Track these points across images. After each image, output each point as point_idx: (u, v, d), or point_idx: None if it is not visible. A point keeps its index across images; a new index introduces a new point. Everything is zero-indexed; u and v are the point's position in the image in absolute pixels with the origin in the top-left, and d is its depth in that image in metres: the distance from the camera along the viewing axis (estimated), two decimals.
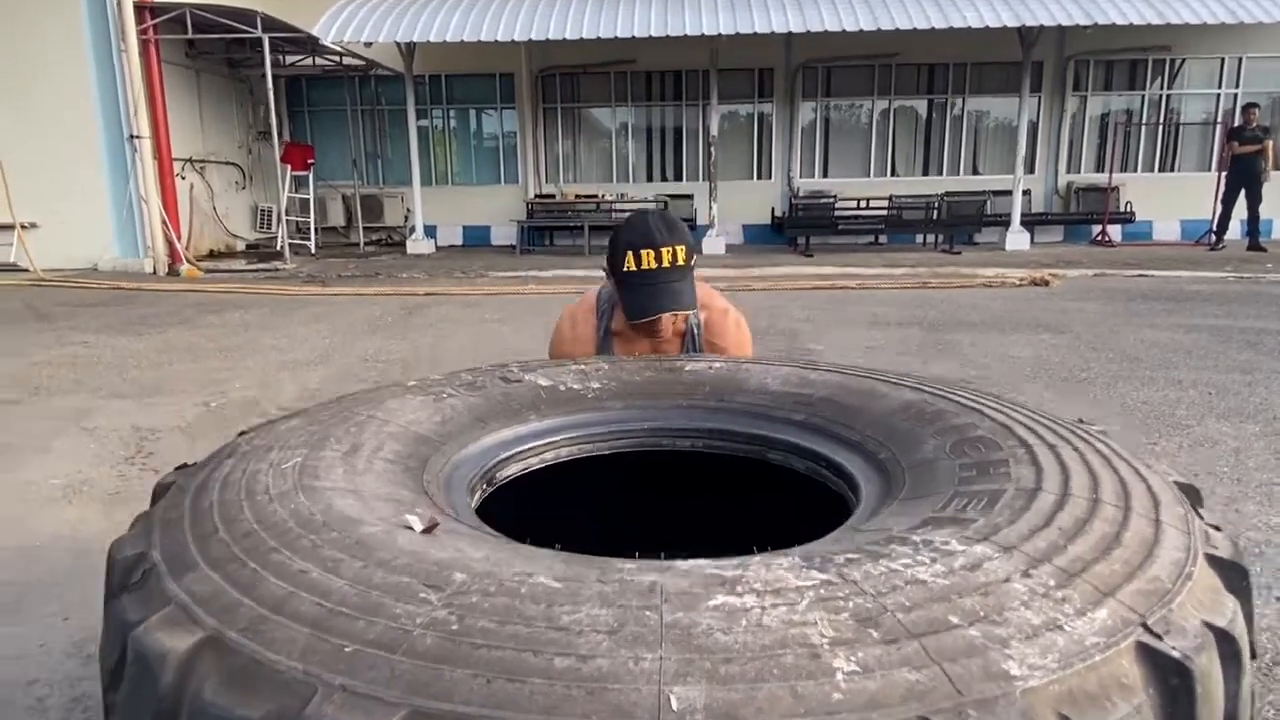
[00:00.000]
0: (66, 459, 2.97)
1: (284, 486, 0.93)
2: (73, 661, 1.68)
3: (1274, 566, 2.01)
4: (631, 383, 1.49)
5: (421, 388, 1.38)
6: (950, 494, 0.95)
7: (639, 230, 1.61)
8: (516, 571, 0.73)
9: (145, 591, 0.76)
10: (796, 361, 1.55)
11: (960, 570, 0.73)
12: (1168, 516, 0.86)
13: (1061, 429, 1.11)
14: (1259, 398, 3.51)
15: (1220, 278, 7.80)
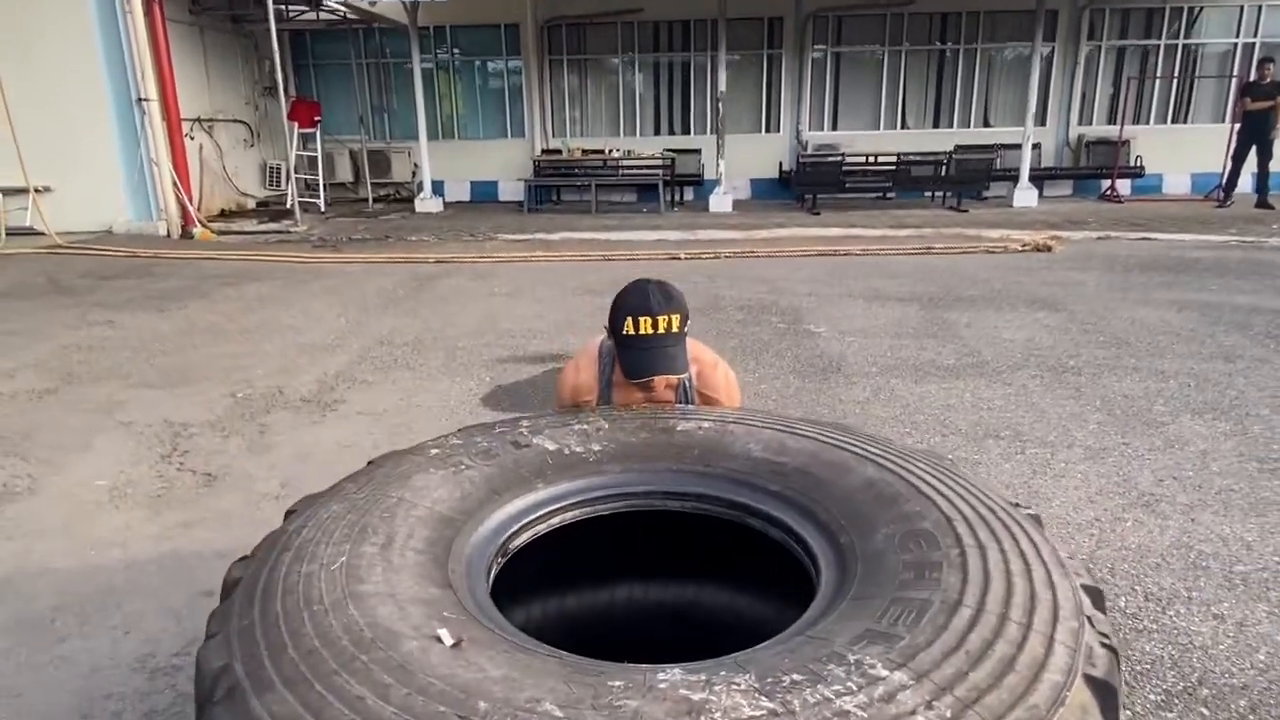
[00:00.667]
0: (107, 457, 3.19)
1: (335, 594, 1.11)
2: (139, 677, 1.90)
3: (1216, 582, 2.20)
4: (628, 444, 1.64)
5: (443, 458, 1.54)
6: (889, 600, 1.12)
7: (638, 299, 1.76)
8: (528, 698, 0.91)
9: (234, 707, 0.95)
10: (778, 423, 1.70)
11: (878, 701, 0.90)
12: (1062, 634, 1.02)
13: (996, 523, 1.27)
14: (1236, 390, 3.66)
15: (1223, 242, 7.84)
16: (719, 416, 1.74)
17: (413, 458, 1.56)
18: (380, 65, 12.71)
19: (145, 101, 9.07)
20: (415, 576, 1.20)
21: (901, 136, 12.21)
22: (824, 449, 1.57)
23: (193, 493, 2.88)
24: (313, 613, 1.07)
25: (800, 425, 1.69)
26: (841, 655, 1.00)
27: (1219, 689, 1.79)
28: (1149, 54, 12.27)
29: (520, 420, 1.73)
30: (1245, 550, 2.35)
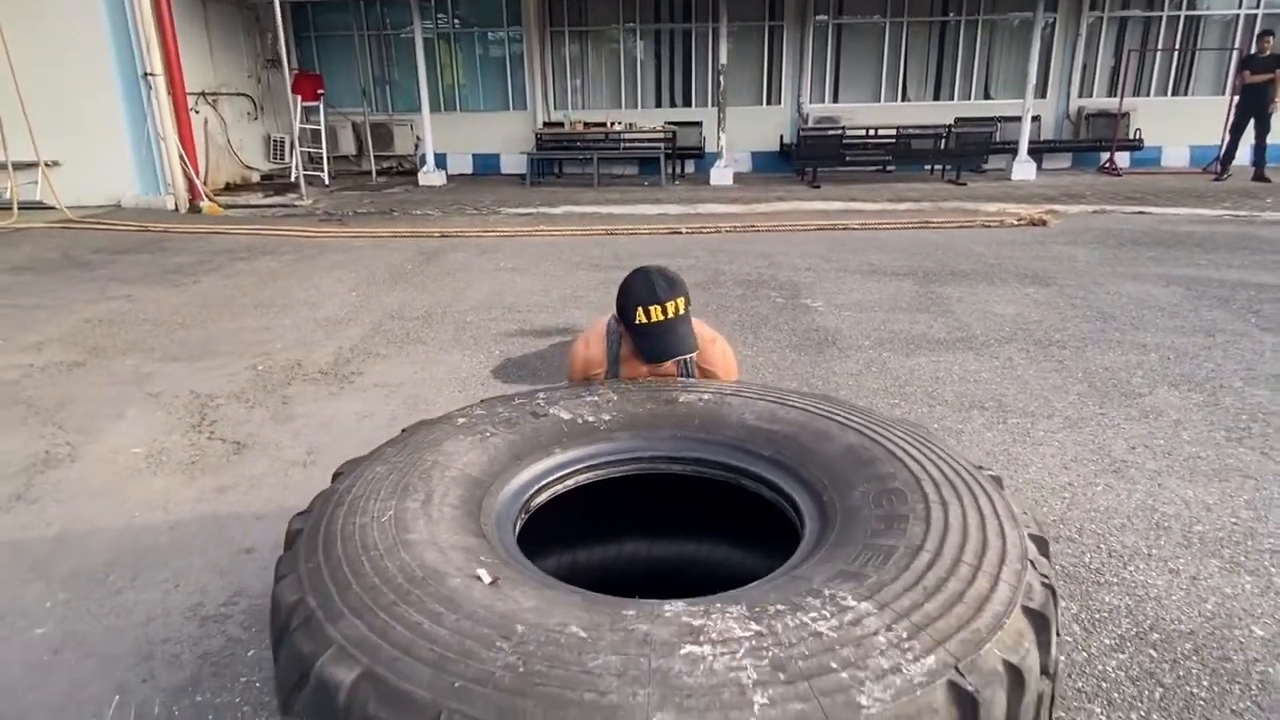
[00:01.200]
0: (140, 426, 3.37)
1: (388, 542, 1.27)
2: (191, 624, 2.10)
3: (1175, 540, 2.39)
4: (636, 414, 1.79)
5: (469, 427, 1.71)
6: (861, 546, 1.29)
7: (644, 289, 1.91)
8: (556, 622, 1.09)
9: (310, 631, 1.13)
10: (773, 392, 1.88)
11: (846, 625, 1.07)
12: (1006, 574, 1.19)
13: (960, 483, 1.44)
14: (1213, 363, 3.83)
15: (1215, 216, 7.96)
16: (717, 389, 1.89)
17: (442, 425, 1.71)
18: (381, 37, 12.73)
19: (151, 76, 9.16)
20: (453, 528, 1.36)
21: (902, 109, 12.26)
22: (811, 419, 1.72)
23: (224, 460, 3.06)
24: (370, 556, 1.24)
25: (790, 397, 1.84)
26: (818, 590, 1.16)
27: (1168, 633, 1.98)
28: (1151, 25, 12.26)
29: (537, 392, 1.89)
30: (1205, 512, 2.54)
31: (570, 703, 0.95)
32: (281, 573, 1.28)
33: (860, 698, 0.96)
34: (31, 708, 1.82)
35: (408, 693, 0.98)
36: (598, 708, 0.94)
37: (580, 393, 1.88)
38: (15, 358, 4.26)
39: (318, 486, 1.53)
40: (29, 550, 2.46)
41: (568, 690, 0.96)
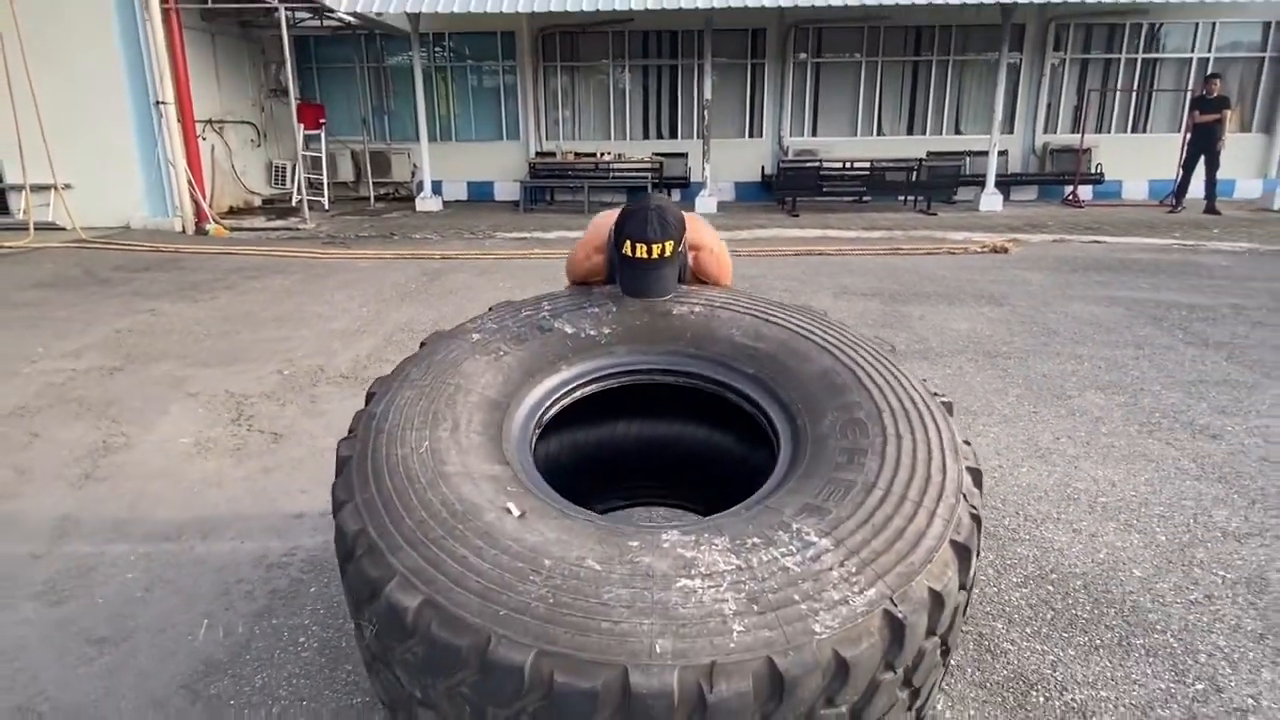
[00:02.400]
0: (185, 421, 3.77)
1: (429, 475, 1.42)
2: (258, 570, 2.50)
3: (1081, 508, 2.85)
4: (633, 327, 1.90)
5: (484, 345, 1.81)
6: (826, 480, 1.46)
7: (638, 225, 1.88)
8: (576, 555, 1.26)
9: (375, 559, 1.29)
10: (759, 307, 1.97)
11: (808, 560, 1.26)
12: (942, 510, 1.38)
13: (915, 414, 1.59)
14: (1138, 371, 4.33)
15: (1164, 245, 8.55)
16: (707, 301, 1.97)
17: (459, 343, 1.80)
18: (381, 69, 13.27)
19: (163, 104, 9.61)
20: (481, 456, 1.51)
21: (877, 143, 12.90)
22: (793, 337, 1.84)
23: (265, 447, 3.47)
24: (416, 490, 1.40)
25: (775, 312, 1.95)
26: (788, 524, 1.36)
27: (1064, 575, 2.44)
28: (1111, 66, 13.01)
29: (542, 303, 1.98)
30: (1110, 487, 3.01)
31: (591, 629, 1.15)
32: (340, 498, 1.45)
33: (815, 625, 1.17)
34: (136, 630, 2.22)
35: (462, 618, 1.18)
36: (613, 634, 1.14)
37: (582, 304, 1.96)
38: (58, 363, 4.65)
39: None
40: (107, 517, 2.86)
41: (589, 619, 1.16)
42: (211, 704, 1.91)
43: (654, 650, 1.12)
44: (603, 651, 1.12)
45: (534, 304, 1.99)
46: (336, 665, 2.05)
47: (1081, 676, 1.99)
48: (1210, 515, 2.79)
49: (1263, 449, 3.32)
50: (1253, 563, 2.49)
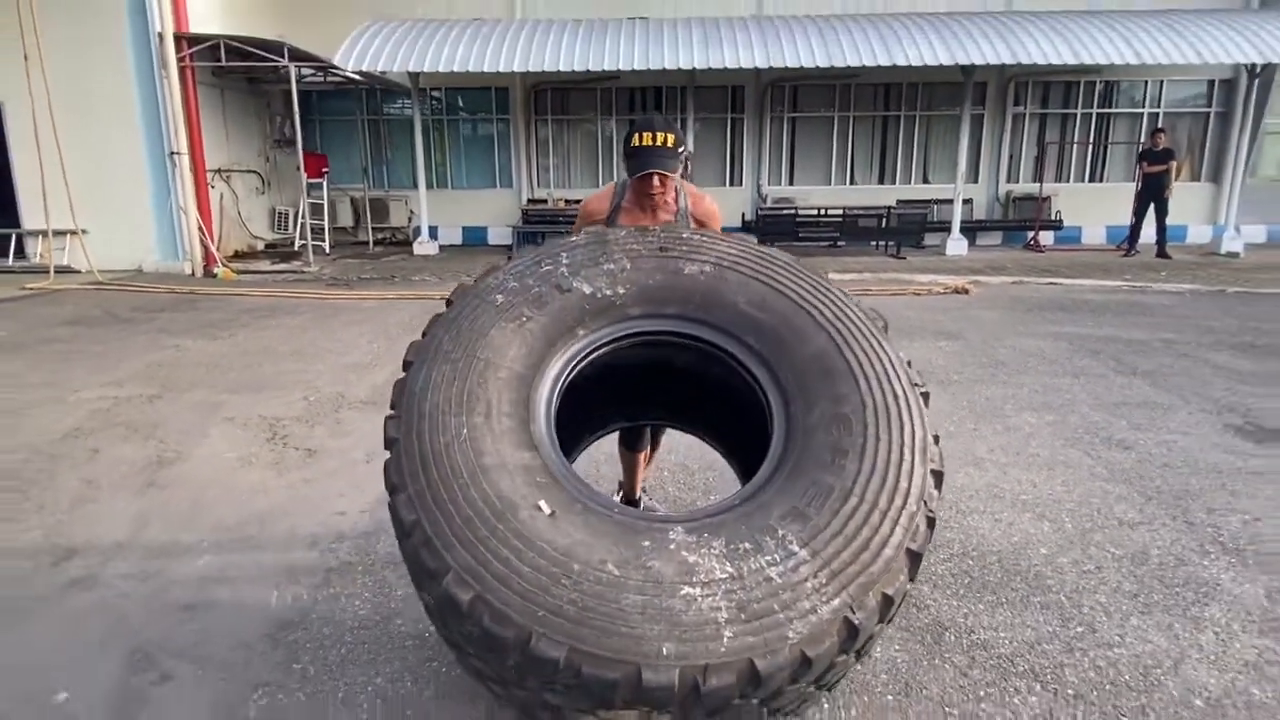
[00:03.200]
0: (226, 440, 4.25)
1: (470, 468, 1.58)
2: (313, 552, 2.97)
3: (1004, 504, 3.37)
4: (646, 286, 1.98)
5: (507, 309, 1.88)
6: (810, 481, 1.63)
7: (644, 123, 2.40)
8: (599, 559, 1.47)
9: (432, 553, 1.50)
10: (766, 269, 2.03)
11: (789, 570, 1.48)
12: (904, 519, 1.57)
13: (896, 412, 1.74)
14: (1070, 395, 4.90)
15: (1114, 287, 9.23)
16: (718, 260, 2.04)
17: (485, 307, 1.88)
18: (381, 121, 13.95)
19: (177, 155, 10.19)
20: (512, 442, 1.67)
21: (850, 191, 13.65)
22: (795, 311, 1.94)
23: (301, 461, 3.95)
24: (460, 484, 1.57)
25: (780, 276, 2.02)
26: (774, 529, 1.56)
27: (982, 553, 2.95)
28: (1068, 120, 13.88)
29: (560, 255, 2.03)
30: (1031, 488, 3.54)
31: (613, 632, 1.41)
32: (393, 482, 1.62)
33: (789, 632, 1.43)
34: (217, 599, 2.68)
35: (508, 615, 1.43)
36: (629, 637, 1.40)
37: (598, 258, 2.02)
38: (100, 391, 5.12)
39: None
40: (174, 516, 3.32)
41: (610, 624, 1.41)
42: (290, 647, 2.38)
43: (661, 653, 1.39)
44: (621, 652, 1.39)
45: (553, 256, 2.03)
46: (389, 621, 2.52)
47: (987, 623, 2.50)
48: (1111, 509, 3.32)
49: (1166, 458, 3.87)
50: (1140, 544, 3.02)
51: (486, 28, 11.35)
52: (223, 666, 2.29)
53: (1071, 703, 2.12)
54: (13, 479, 3.68)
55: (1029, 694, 2.15)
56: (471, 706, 2.10)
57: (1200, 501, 3.37)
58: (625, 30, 11.21)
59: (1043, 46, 10.46)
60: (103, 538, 3.12)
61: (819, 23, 11.30)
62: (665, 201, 2.51)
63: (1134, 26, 10.84)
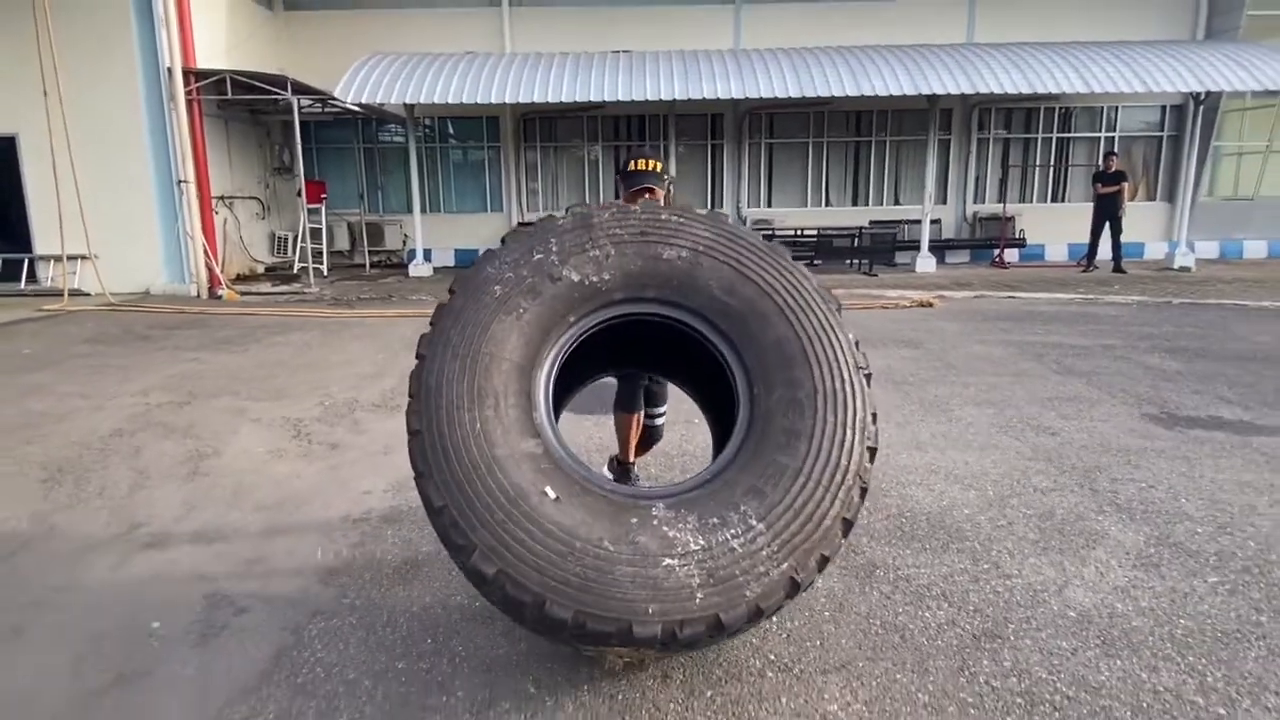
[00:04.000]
0: (255, 438, 4.75)
1: (485, 459, 1.89)
2: (347, 523, 3.47)
3: (940, 478, 3.92)
4: (630, 272, 2.18)
5: (504, 301, 2.09)
6: (768, 461, 1.98)
7: (638, 151, 3.12)
8: (596, 537, 1.84)
9: (460, 533, 1.84)
10: (735, 254, 2.23)
11: (748, 540, 1.87)
12: (842, 493, 1.94)
13: (843, 394, 2.05)
14: (1009, 393, 5.48)
15: (1068, 299, 9.88)
16: (693, 245, 2.23)
17: (485, 299, 2.09)
18: (376, 149, 14.54)
19: (184, 183, 10.71)
20: (519, 432, 1.97)
21: (825, 212, 14.34)
22: (760, 296, 2.16)
23: (326, 453, 4.46)
24: (479, 474, 1.89)
25: (749, 262, 2.22)
26: (737, 504, 1.92)
27: (914, 513, 3.50)
28: (1030, 144, 14.66)
29: (550, 241, 2.20)
30: (964, 465, 4.09)
31: (609, 596, 1.82)
32: (419, 469, 1.95)
33: (746, 592, 1.86)
34: (270, 554, 3.18)
35: (525, 585, 1.82)
36: (623, 601, 1.81)
37: (584, 245, 2.20)
38: (132, 399, 5.60)
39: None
40: (219, 498, 3.82)
41: (606, 589, 1.82)
42: (339, 587, 2.89)
43: (647, 611, 1.82)
44: (617, 612, 1.81)
45: (543, 241, 2.19)
46: (419, 567, 3.03)
47: (910, 563, 3.04)
48: (1029, 480, 3.88)
49: (1085, 441, 4.45)
50: (1048, 505, 3.58)
51: (478, 61, 11.98)
52: (286, 602, 2.80)
53: (971, 614, 2.66)
54: (71, 471, 4.17)
55: (938, 609, 2.69)
56: (489, 626, 2.62)
57: (1106, 474, 3.94)
58: (610, 63, 11.88)
59: (1000, 77, 11.19)
60: (162, 514, 3.61)
61: (792, 55, 12.01)
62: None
63: (1085, 58, 11.61)
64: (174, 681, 2.36)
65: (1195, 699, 2.20)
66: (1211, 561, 3.02)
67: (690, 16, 13.83)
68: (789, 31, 13.60)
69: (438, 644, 2.49)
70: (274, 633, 2.60)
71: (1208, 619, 2.61)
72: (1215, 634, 2.52)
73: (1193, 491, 3.70)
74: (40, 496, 3.82)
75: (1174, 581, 2.87)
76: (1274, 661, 2.37)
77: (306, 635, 2.58)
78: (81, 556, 3.19)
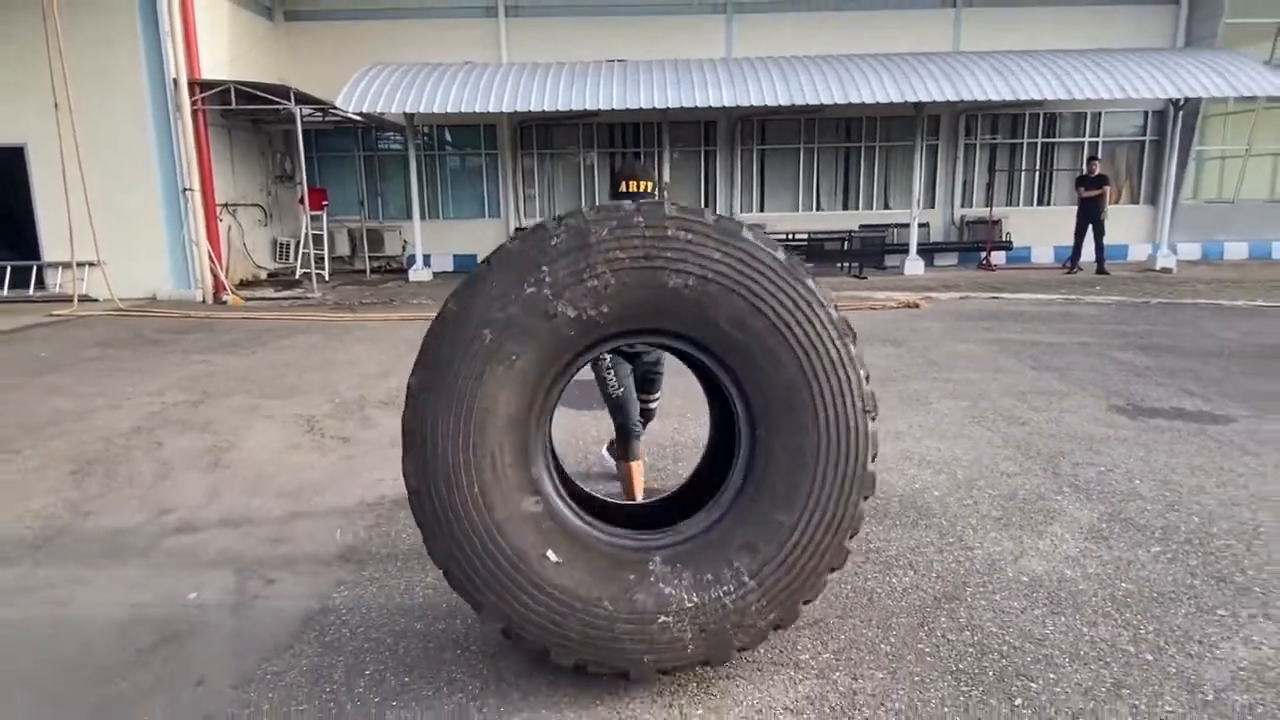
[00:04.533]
0: (271, 434, 5.01)
1: (487, 525, 1.99)
2: (362, 507, 3.74)
3: (913, 463, 4.21)
4: (630, 302, 2.00)
5: (495, 349, 1.98)
6: (764, 517, 2.04)
7: (628, 170, 3.26)
8: (596, 596, 2.01)
9: (467, 594, 2.07)
10: (747, 282, 2.01)
11: (739, 597, 2.04)
12: (834, 546, 2.05)
13: (845, 448, 2.03)
14: (985, 387, 5.76)
15: (1049, 300, 10.19)
16: (700, 273, 2.01)
17: (475, 347, 2.00)
18: (376, 156, 14.82)
19: (189, 191, 10.97)
20: (518, 490, 2.01)
21: (816, 217, 14.64)
22: (771, 331, 2.01)
23: (339, 446, 4.73)
24: (481, 540, 1.99)
25: (761, 289, 2.02)
26: (731, 561, 2.03)
27: (888, 495, 3.77)
28: (1016, 149, 14.98)
29: (543, 274, 1.99)
30: (936, 452, 4.37)
31: (609, 650, 2.05)
32: (421, 528, 2.07)
33: (734, 642, 2.09)
34: (294, 535, 3.45)
35: (530, 639, 2.06)
36: (623, 654, 2.05)
37: (581, 274, 1.99)
38: (149, 398, 5.86)
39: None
40: (241, 484, 4.08)
41: (607, 644, 2.03)
42: (358, 562, 3.16)
43: (643, 661, 2.08)
44: (615, 662, 2.07)
45: (535, 270, 1.99)
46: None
47: (882, 538, 3.32)
48: (997, 465, 4.17)
49: (1052, 430, 4.74)
50: (1012, 487, 3.86)
51: (476, 70, 12.28)
52: (311, 574, 3.07)
53: (933, 580, 2.93)
54: (99, 463, 4.43)
55: (904, 575, 2.97)
56: None
57: (1069, 459, 4.23)
58: (604, 72, 12.18)
59: (984, 85, 11.52)
60: (188, 501, 3.88)
61: (783, 64, 12.32)
62: None
63: (1067, 66, 11.94)
64: (215, 640, 2.63)
65: (1127, 648, 2.48)
66: (1157, 534, 3.30)
67: (683, 27, 14.15)
68: (779, 41, 13.92)
69: (452, 609, 2.76)
70: (302, 600, 2.87)
71: (1147, 582, 2.90)
72: (1152, 595, 2.81)
73: (1147, 474, 3.98)
74: (72, 485, 4.08)
75: (1120, 551, 3.15)
76: (1201, 617, 2.66)
77: (332, 602, 2.85)
78: (116, 538, 3.45)
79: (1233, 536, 3.26)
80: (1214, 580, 2.91)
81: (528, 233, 2.07)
